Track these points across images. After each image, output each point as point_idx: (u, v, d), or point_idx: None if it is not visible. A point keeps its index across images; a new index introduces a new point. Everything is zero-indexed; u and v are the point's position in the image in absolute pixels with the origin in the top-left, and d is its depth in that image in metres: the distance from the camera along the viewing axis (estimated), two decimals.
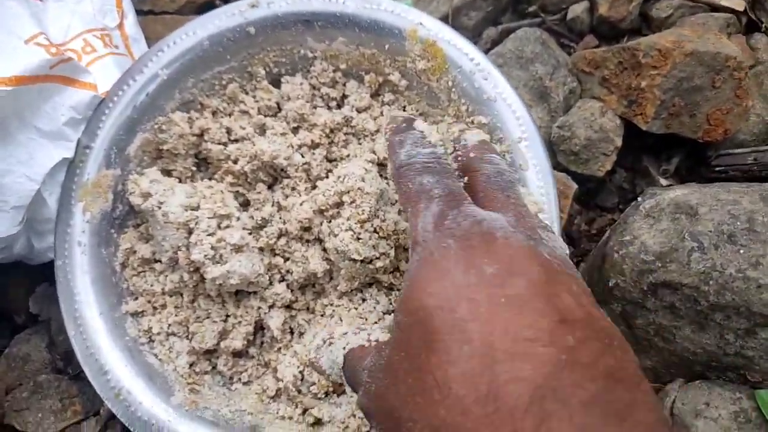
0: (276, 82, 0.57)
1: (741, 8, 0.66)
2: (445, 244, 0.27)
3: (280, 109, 0.57)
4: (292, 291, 0.53)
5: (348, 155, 0.56)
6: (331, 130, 0.56)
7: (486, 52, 0.67)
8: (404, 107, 0.57)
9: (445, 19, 0.66)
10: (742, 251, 0.46)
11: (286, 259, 0.53)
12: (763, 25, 0.66)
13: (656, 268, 0.48)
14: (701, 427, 0.47)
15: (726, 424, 0.46)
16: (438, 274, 0.26)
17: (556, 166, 0.63)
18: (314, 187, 0.54)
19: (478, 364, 0.23)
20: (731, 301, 0.46)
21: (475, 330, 0.23)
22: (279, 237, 0.52)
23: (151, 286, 0.53)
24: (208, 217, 0.49)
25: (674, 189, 0.53)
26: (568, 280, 0.26)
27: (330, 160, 0.56)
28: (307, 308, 0.54)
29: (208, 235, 0.49)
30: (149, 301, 0.54)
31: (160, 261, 0.53)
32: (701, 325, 0.48)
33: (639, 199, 0.54)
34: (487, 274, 0.25)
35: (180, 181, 0.54)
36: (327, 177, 0.54)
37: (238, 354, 0.55)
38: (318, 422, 0.52)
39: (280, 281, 0.53)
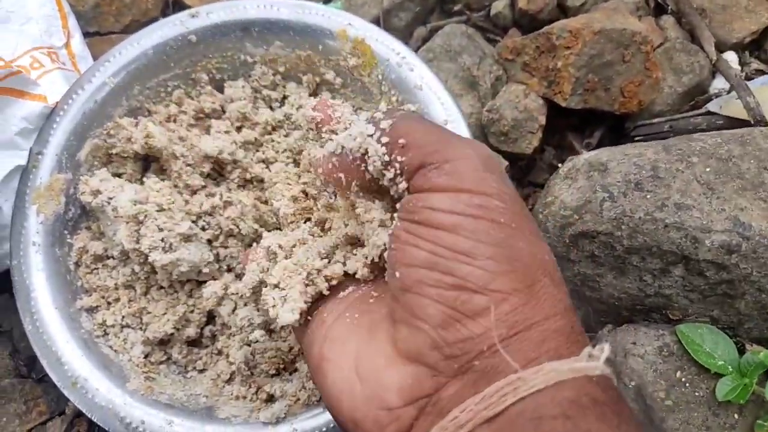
0: (220, 88, 0.61)
1: None
2: None
3: (224, 112, 0.61)
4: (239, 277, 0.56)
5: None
6: (273, 128, 0.60)
7: (417, 49, 0.71)
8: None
9: (376, 21, 0.70)
10: (648, 196, 0.50)
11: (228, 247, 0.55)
12: (669, 8, 0.71)
13: (574, 221, 0.52)
14: (630, 364, 0.49)
15: (652, 359, 0.49)
16: None
17: (488, 147, 0.67)
18: (261, 180, 0.58)
19: None
20: (643, 242, 0.49)
21: None
22: (223, 229, 0.55)
23: (104, 281, 0.56)
24: (156, 210, 0.52)
25: (590, 152, 0.57)
26: None
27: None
28: None
29: (157, 225, 0.52)
30: (103, 297, 0.56)
31: (112, 256, 0.56)
32: (621, 270, 0.51)
33: (560, 166, 0.58)
34: None
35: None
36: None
37: (192, 343, 0.57)
38: (271, 398, 0.54)
39: (228, 271, 0.56)
